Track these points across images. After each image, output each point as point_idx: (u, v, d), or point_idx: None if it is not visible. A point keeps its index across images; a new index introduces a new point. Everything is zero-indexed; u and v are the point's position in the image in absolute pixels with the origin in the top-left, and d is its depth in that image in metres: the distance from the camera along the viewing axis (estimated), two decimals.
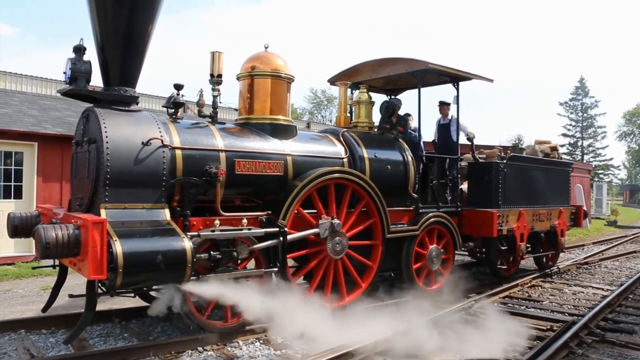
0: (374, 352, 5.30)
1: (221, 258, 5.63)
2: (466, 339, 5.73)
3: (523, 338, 5.88)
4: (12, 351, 5.47)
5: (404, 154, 7.95)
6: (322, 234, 6.58)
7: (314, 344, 5.48)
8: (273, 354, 5.54)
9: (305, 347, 5.60)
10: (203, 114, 6.47)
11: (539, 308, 7.73)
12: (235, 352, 5.59)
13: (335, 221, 6.66)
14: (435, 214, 8.09)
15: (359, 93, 8.34)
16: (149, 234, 5.11)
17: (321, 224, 6.59)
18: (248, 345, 5.80)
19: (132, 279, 4.87)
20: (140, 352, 5.36)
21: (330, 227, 6.63)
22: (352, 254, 7.01)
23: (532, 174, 9.56)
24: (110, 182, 5.22)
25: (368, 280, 7.22)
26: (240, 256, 5.84)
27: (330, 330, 5.70)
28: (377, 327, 5.78)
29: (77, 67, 5.50)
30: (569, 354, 5.52)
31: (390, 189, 7.66)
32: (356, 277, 7.11)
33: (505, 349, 5.50)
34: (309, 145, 7.06)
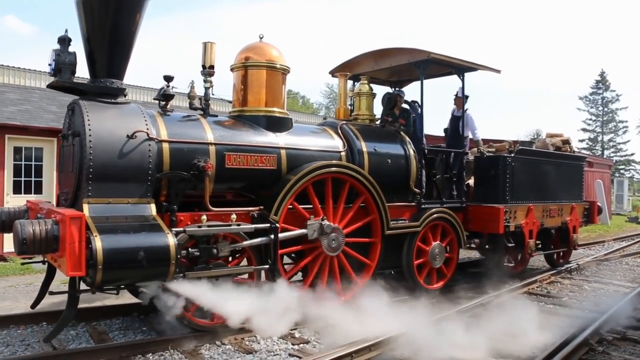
0: (390, 348, 5.20)
1: (199, 255, 5.44)
2: (486, 334, 5.63)
3: (542, 335, 5.72)
4: (35, 343, 5.56)
5: (405, 147, 7.69)
6: (310, 235, 6.34)
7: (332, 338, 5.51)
8: (291, 348, 5.51)
9: (323, 341, 5.64)
10: (194, 107, 6.30)
11: (559, 305, 7.53)
12: (254, 345, 5.58)
13: (324, 222, 6.41)
14: (439, 210, 7.83)
15: (360, 84, 8.10)
16: (131, 229, 4.95)
17: (310, 225, 6.35)
18: (266, 339, 5.76)
19: (113, 276, 4.72)
20: (158, 345, 5.38)
21: (319, 229, 6.39)
22: (349, 251, 6.80)
23: (542, 168, 9.21)
24: (93, 176, 5.07)
25: (366, 278, 7.00)
26: (220, 253, 5.65)
27: (349, 324, 5.64)
28: (385, 324, 5.62)
29: (62, 59, 5.37)
30: (589, 351, 5.36)
31: (391, 183, 7.42)
32: (351, 274, 6.88)
33: (525, 345, 5.41)
34: (305, 138, 6.84)
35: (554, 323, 6.33)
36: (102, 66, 5.61)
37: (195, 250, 5.49)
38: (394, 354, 5.16)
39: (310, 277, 6.54)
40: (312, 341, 5.79)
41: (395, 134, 7.83)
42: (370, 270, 7.05)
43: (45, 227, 4.55)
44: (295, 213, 6.44)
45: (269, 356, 5.30)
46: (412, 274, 7.53)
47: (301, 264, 6.59)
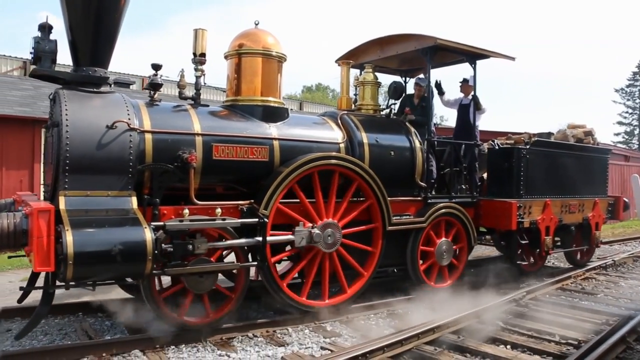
0: (423, 341, 5.18)
1: (173, 252, 5.15)
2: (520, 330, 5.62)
3: (577, 331, 5.60)
4: (71, 332, 5.72)
5: (410, 138, 7.30)
6: (297, 242, 5.99)
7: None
8: (322, 341, 5.49)
9: (355, 335, 5.65)
10: (184, 96, 6.06)
11: (594, 301, 7.26)
12: (285, 338, 5.55)
13: (315, 231, 6.05)
14: (446, 205, 7.42)
15: (364, 73, 7.73)
16: (107, 223, 4.74)
17: (297, 232, 5.99)
18: (297, 332, 5.78)
19: (85, 271, 4.51)
20: (193, 336, 5.42)
21: (307, 237, 6.03)
22: (348, 243, 6.47)
23: (561, 161, 8.66)
24: (70, 167, 4.87)
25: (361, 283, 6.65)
26: (196, 251, 5.35)
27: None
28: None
29: (41, 47, 5.18)
30: (627, 349, 5.17)
31: (394, 177, 7.07)
32: (357, 266, 6.56)
33: (559, 342, 5.32)
34: (301, 129, 6.53)
35: (589, 319, 6.14)
36: (85, 54, 5.41)
37: (168, 245, 5.21)
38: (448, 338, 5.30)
39: (308, 284, 6.26)
40: (344, 334, 5.71)
41: (400, 124, 7.45)
42: (372, 263, 6.70)
43: (14, 221, 4.38)
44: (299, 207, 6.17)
45: (301, 348, 5.24)
46: (417, 272, 7.16)
47: (297, 267, 6.30)
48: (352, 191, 6.48)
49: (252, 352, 5.14)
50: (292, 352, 5.13)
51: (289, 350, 5.19)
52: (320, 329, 5.89)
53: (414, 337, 5.17)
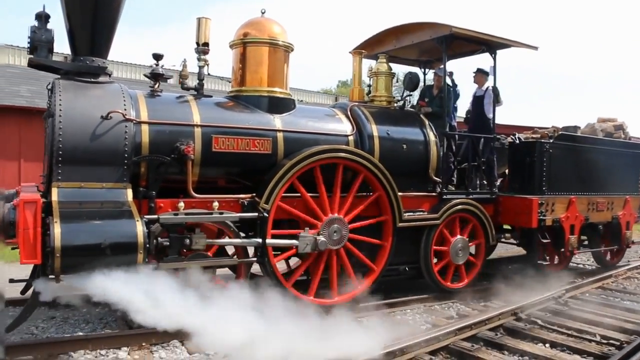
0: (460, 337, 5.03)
1: (170, 246, 5.02)
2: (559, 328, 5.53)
3: (619, 331, 5.46)
4: (112, 322, 5.74)
5: (424, 131, 6.98)
6: (301, 248, 5.76)
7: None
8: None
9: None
10: (186, 86, 5.92)
11: (636, 301, 7.06)
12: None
13: (320, 238, 5.80)
14: (462, 201, 7.07)
15: (378, 63, 7.43)
16: (98, 215, 4.64)
17: (302, 237, 5.75)
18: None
19: (73, 264, 4.42)
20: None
21: (312, 244, 5.77)
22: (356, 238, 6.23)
23: (588, 156, 8.17)
24: (63, 159, 4.79)
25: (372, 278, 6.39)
26: (194, 246, 5.19)
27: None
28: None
29: (37, 36, 5.11)
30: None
31: (407, 171, 6.79)
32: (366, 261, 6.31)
33: (600, 341, 5.19)
34: (308, 120, 6.30)
35: (632, 320, 5.92)
36: (83, 44, 5.32)
37: (165, 239, 5.08)
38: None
39: (315, 282, 6.03)
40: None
41: (414, 116, 7.14)
42: (383, 258, 6.43)
43: (2, 212, 4.31)
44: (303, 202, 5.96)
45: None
46: (430, 270, 6.85)
47: (302, 267, 6.09)
48: (357, 184, 6.22)
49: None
50: None
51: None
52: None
53: (451, 334, 5.06)
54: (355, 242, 6.25)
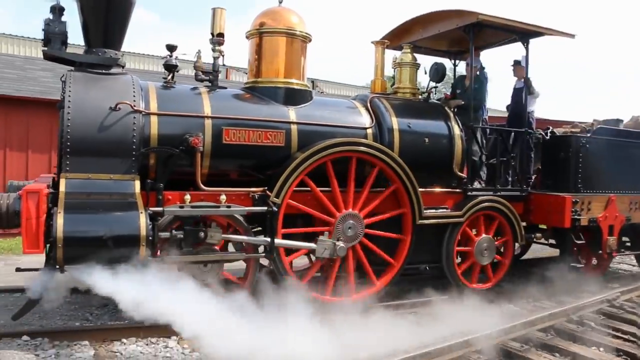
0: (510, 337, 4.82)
1: (184, 239, 4.97)
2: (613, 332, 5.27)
3: None
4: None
5: (449, 124, 6.67)
6: (319, 253, 5.56)
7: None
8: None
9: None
10: (200, 78, 5.85)
11: None
12: None
13: (339, 244, 5.60)
14: (488, 198, 6.72)
15: (402, 53, 7.15)
16: (102, 207, 4.65)
17: (320, 242, 5.56)
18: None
19: (75, 255, 4.43)
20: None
21: (331, 249, 5.56)
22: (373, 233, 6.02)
23: (632, 152, 7.60)
24: (71, 150, 4.82)
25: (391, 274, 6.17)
26: (210, 240, 5.12)
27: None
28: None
29: (51, 29, 5.15)
30: None
31: (429, 166, 6.51)
32: (385, 256, 6.07)
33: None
34: (325, 112, 6.12)
35: None
36: (96, 36, 5.35)
37: (179, 232, 5.04)
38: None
39: (332, 280, 5.85)
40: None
41: (438, 109, 6.84)
42: (402, 254, 6.20)
43: (8, 202, 4.37)
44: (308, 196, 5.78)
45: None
46: (452, 270, 6.55)
47: (316, 265, 5.92)
48: (372, 177, 5.99)
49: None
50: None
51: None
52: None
53: (499, 333, 4.84)
54: (373, 239, 6.05)
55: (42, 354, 4.42)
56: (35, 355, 4.37)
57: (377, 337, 4.60)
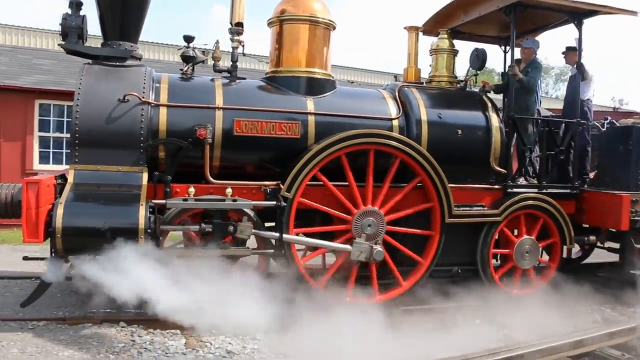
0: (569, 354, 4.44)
1: (213, 232, 4.87)
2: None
3: None
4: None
5: (487, 115, 6.12)
6: (354, 255, 5.32)
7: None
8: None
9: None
10: (218, 68, 5.73)
11: None
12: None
13: (377, 247, 5.33)
14: (531, 196, 6.09)
15: (438, 39, 6.66)
16: (104, 198, 4.66)
17: (356, 244, 5.32)
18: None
19: (75, 245, 4.48)
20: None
21: (367, 252, 5.32)
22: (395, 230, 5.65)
23: None
24: (79, 141, 4.88)
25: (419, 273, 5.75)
26: (241, 234, 5.00)
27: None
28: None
29: (68, 23, 5.22)
30: None
31: (462, 160, 6.04)
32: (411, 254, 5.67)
33: None
34: (346, 103, 5.82)
35: None
36: (113, 29, 5.38)
37: (208, 225, 4.96)
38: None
39: (352, 280, 5.53)
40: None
41: (475, 98, 6.31)
42: (430, 253, 5.77)
43: (12, 192, 4.47)
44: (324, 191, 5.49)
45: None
46: (488, 273, 6.01)
47: (334, 266, 5.63)
48: (393, 171, 5.59)
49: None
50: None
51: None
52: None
53: (566, 347, 4.45)
54: (399, 237, 5.67)
55: (138, 340, 4.63)
56: (131, 341, 4.61)
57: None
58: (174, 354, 4.37)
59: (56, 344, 4.44)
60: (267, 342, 4.70)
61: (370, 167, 5.48)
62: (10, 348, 4.30)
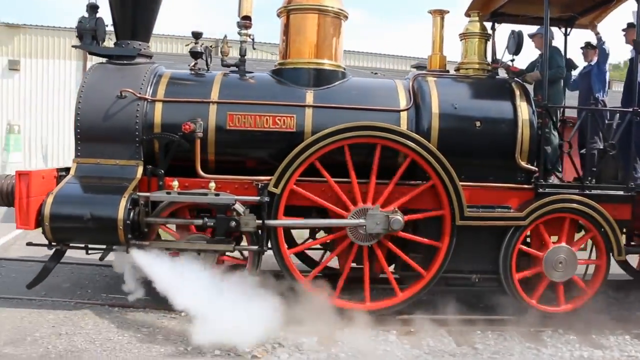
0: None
1: (216, 226, 4.91)
2: None
3: None
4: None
5: (514, 104, 5.42)
6: (370, 228, 5.02)
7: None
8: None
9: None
10: (226, 63, 5.76)
11: None
12: (603, 341, 4.98)
13: (395, 216, 4.97)
14: (566, 198, 5.27)
15: (469, 23, 6.00)
16: (92, 189, 4.94)
17: (371, 215, 5.01)
18: (617, 336, 5.12)
19: (61, 234, 4.82)
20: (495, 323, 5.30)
21: (384, 223, 4.99)
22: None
23: None
24: (81, 136, 5.22)
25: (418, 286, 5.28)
26: (245, 228, 5.00)
27: None
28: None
29: (82, 25, 5.56)
30: None
31: (482, 155, 5.44)
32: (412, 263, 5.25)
33: None
34: (351, 94, 5.52)
35: None
36: (124, 29, 5.64)
37: (211, 220, 5.00)
38: None
39: (341, 281, 5.25)
40: None
41: (503, 86, 5.63)
42: (423, 279, 5.29)
43: (10, 182, 4.89)
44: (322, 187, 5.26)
45: (622, 356, 4.71)
46: (510, 283, 5.33)
47: (325, 261, 5.40)
48: (403, 169, 5.18)
49: (564, 350, 4.73)
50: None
51: (607, 355, 4.67)
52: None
53: None
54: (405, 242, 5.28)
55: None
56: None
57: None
58: (307, 351, 4.40)
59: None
60: (398, 343, 4.70)
61: (375, 163, 5.13)
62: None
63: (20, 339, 4.33)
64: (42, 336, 4.39)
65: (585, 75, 6.43)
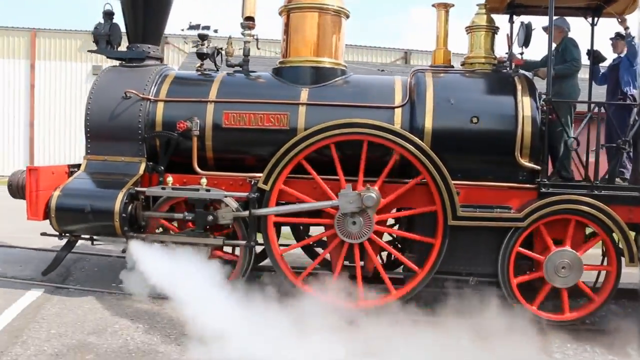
0: None
1: (196, 221, 5.15)
2: None
3: None
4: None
5: (516, 100, 5.15)
6: (343, 208, 5.00)
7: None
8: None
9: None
10: (231, 63, 5.94)
11: None
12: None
13: (368, 194, 4.93)
14: (570, 199, 4.95)
15: (475, 15, 5.77)
16: (96, 184, 5.30)
17: (342, 195, 5.01)
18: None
19: (65, 225, 5.21)
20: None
21: (357, 201, 4.99)
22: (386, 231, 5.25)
23: None
24: (90, 135, 5.61)
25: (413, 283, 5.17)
26: (223, 221, 5.22)
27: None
28: None
29: (97, 31, 5.96)
30: None
31: (479, 153, 5.23)
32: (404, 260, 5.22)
33: None
34: (346, 91, 5.54)
35: None
36: (135, 34, 5.99)
37: (189, 214, 5.27)
38: None
39: (337, 272, 5.22)
40: None
41: (506, 81, 5.37)
42: (417, 276, 5.17)
43: (22, 177, 5.33)
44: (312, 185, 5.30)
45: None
46: (508, 288, 5.09)
47: (318, 259, 5.42)
48: (390, 165, 5.10)
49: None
50: None
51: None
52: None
53: None
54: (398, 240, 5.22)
55: None
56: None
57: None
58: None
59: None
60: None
61: (363, 159, 5.10)
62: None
63: (102, 329, 4.57)
64: (121, 328, 4.63)
65: (614, 67, 5.99)
